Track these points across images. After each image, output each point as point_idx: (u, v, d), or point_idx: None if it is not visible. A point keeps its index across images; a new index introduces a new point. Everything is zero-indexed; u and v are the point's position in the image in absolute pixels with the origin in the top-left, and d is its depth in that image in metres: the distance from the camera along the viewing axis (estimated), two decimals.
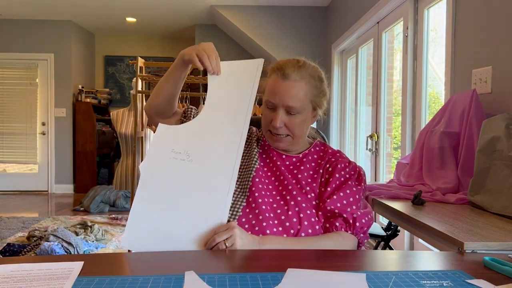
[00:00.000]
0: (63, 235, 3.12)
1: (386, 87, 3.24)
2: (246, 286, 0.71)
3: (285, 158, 1.20)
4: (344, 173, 1.14)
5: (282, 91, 1.11)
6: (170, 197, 1.02)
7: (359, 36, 3.81)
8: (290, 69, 1.13)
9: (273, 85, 1.14)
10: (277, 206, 1.08)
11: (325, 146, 1.25)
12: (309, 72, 1.14)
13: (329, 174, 1.14)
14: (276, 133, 1.15)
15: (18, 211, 4.88)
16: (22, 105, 6.13)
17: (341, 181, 1.13)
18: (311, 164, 1.18)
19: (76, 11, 5.53)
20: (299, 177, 1.14)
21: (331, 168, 1.15)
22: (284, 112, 1.13)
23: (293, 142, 1.18)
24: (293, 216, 1.06)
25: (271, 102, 1.13)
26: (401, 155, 2.87)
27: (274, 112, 1.14)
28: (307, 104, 1.14)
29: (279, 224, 1.05)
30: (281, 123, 1.13)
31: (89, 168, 6.18)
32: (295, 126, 1.14)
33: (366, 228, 1.09)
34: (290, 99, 1.11)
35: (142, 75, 3.23)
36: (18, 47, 6.02)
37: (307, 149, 1.22)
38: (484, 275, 0.78)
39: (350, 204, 1.10)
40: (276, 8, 4.88)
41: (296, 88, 1.12)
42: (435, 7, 2.53)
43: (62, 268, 0.77)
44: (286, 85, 1.12)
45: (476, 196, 1.40)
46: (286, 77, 1.12)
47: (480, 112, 1.60)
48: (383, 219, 3.09)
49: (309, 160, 1.19)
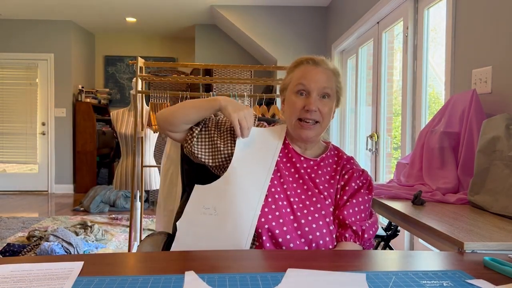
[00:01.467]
0: (63, 235, 3.12)
1: (386, 87, 3.24)
2: (246, 286, 0.71)
3: (304, 160, 1.20)
4: (359, 182, 1.17)
5: (316, 76, 1.15)
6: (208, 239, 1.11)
7: (359, 36, 3.81)
8: (319, 59, 1.18)
9: (304, 72, 1.17)
10: (297, 209, 1.09)
11: (338, 150, 1.26)
12: (332, 66, 1.20)
13: (345, 182, 1.16)
14: (309, 118, 1.15)
15: (18, 211, 4.88)
16: (22, 105, 6.13)
17: (355, 189, 1.16)
18: (327, 169, 1.19)
19: (76, 11, 5.52)
20: (317, 181, 1.15)
21: (347, 176, 1.18)
22: (318, 97, 1.15)
23: (319, 133, 1.19)
24: (313, 222, 1.07)
25: (304, 87, 1.15)
26: (401, 155, 2.87)
27: (307, 98, 1.15)
28: (334, 92, 1.18)
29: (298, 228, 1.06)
30: (316, 107, 1.14)
31: (89, 168, 6.18)
32: (325, 112, 1.16)
33: (373, 237, 1.12)
34: (324, 82, 1.15)
35: (142, 75, 3.23)
36: (18, 47, 6.02)
37: (323, 153, 1.22)
38: (484, 275, 0.78)
39: (360, 212, 1.13)
40: (276, 8, 4.88)
41: (327, 74, 1.17)
42: (435, 7, 2.53)
43: (62, 268, 0.77)
44: (319, 70, 1.16)
45: (476, 196, 1.40)
46: (318, 64, 1.17)
47: (480, 112, 1.60)
48: (383, 219, 3.09)
49: (326, 165, 1.20)
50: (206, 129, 1.21)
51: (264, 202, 1.09)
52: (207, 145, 1.20)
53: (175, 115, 1.17)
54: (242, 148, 1.17)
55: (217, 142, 1.19)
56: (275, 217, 1.06)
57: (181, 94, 3.08)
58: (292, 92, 1.18)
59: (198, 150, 1.19)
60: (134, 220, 3.24)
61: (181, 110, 1.17)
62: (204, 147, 1.19)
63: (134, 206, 3.19)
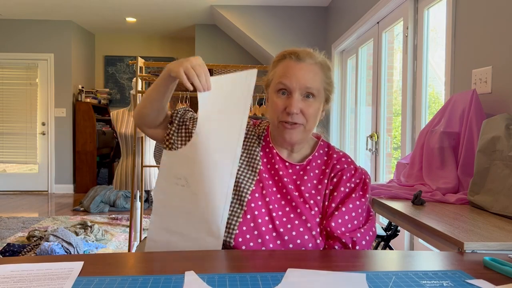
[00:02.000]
0: (63, 235, 3.12)
1: (386, 87, 3.24)
2: (246, 286, 0.71)
3: (288, 166, 1.10)
4: (350, 184, 1.06)
5: (299, 73, 1.04)
6: (176, 223, 1.05)
7: (359, 36, 3.81)
8: (303, 53, 1.07)
9: (286, 68, 1.06)
10: (279, 224, 1.01)
11: (329, 148, 1.15)
12: (320, 59, 1.09)
13: (334, 186, 1.06)
14: (292, 121, 1.04)
15: (18, 211, 4.88)
16: (22, 105, 6.13)
17: (345, 193, 1.05)
18: (315, 172, 1.09)
19: (76, 11, 5.52)
20: (302, 189, 1.05)
21: (336, 179, 1.07)
22: (300, 97, 1.04)
23: (304, 136, 1.08)
24: (297, 237, 0.99)
25: (285, 86, 1.04)
26: (401, 155, 2.87)
27: (288, 98, 1.04)
28: (321, 90, 1.07)
29: (281, 245, 0.99)
30: (298, 109, 1.03)
31: (89, 168, 6.18)
32: (310, 114, 1.05)
33: (369, 244, 1.03)
34: (308, 80, 1.04)
35: (142, 75, 3.23)
36: (18, 47, 6.02)
37: (311, 154, 1.12)
38: (484, 275, 0.78)
39: (352, 219, 1.02)
40: (276, 8, 4.88)
41: (312, 71, 1.05)
42: (435, 7, 2.53)
43: (62, 268, 0.77)
44: (302, 66, 1.05)
45: (476, 196, 1.40)
46: (301, 59, 1.06)
47: (480, 112, 1.60)
48: (383, 219, 3.09)
49: (313, 168, 1.10)
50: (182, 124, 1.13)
51: (243, 219, 1.00)
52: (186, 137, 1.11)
53: (143, 105, 1.11)
54: (206, 104, 1.02)
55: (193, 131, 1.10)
56: (253, 236, 0.99)
57: (181, 94, 3.08)
58: (273, 91, 1.08)
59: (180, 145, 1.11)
60: (134, 220, 3.24)
61: (145, 98, 1.11)
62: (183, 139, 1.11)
63: (134, 206, 3.19)
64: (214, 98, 1.03)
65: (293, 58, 1.06)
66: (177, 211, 1.05)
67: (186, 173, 1.03)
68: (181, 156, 1.06)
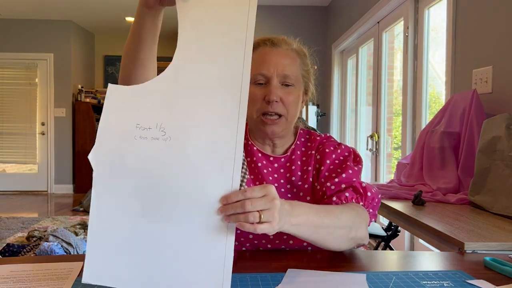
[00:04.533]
0: (63, 235, 3.12)
1: (386, 87, 3.24)
2: (246, 286, 0.71)
3: (273, 160, 1.05)
4: (337, 156, 1.02)
5: (276, 59, 0.98)
6: (142, 202, 0.67)
7: (359, 36, 3.81)
8: (277, 39, 1.01)
9: (263, 55, 0.99)
10: None
11: (310, 133, 1.10)
12: (295, 46, 1.04)
13: (320, 163, 1.01)
14: (272, 111, 0.97)
15: (18, 211, 4.88)
16: (22, 105, 6.13)
17: (336, 164, 1.00)
18: (301, 159, 1.05)
19: (76, 11, 5.52)
20: (293, 179, 1.02)
21: (319, 156, 1.03)
22: (279, 84, 0.98)
23: (286, 127, 1.02)
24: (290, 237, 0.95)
25: (262, 74, 0.98)
26: (401, 155, 2.87)
27: (266, 86, 0.98)
28: (300, 78, 1.02)
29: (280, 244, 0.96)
30: (278, 96, 0.96)
31: (89, 168, 6.04)
32: (290, 102, 0.98)
33: (376, 204, 0.97)
34: (286, 66, 0.98)
35: None
36: (18, 47, 6.01)
37: (293, 143, 1.07)
38: (484, 275, 0.77)
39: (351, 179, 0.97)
40: (276, 8, 4.88)
41: (289, 57, 1.00)
42: (435, 7, 2.53)
43: (61, 268, 0.77)
44: (278, 52, 0.99)
45: (477, 196, 1.39)
46: (277, 45, 1.00)
47: (481, 112, 1.60)
48: (383, 219, 3.09)
49: (298, 156, 1.05)
50: None
51: None
52: None
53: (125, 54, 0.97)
54: (191, 21, 0.77)
55: None
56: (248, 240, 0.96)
57: None
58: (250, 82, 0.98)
59: None
60: None
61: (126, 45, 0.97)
62: None
63: None
64: (201, 13, 0.77)
65: (268, 45, 1.01)
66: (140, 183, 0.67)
67: (161, 119, 0.68)
68: (149, 93, 0.71)
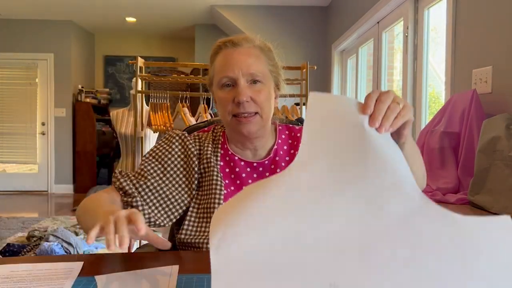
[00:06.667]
0: (63, 235, 3.12)
1: (386, 87, 3.24)
2: None
3: (257, 165, 1.01)
4: None
5: (239, 59, 0.96)
6: None
7: (359, 36, 3.81)
8: (238, 38, 1.00)
9: (225, 58, 0.98)
10: None
11: (290, 129, 1.07)
12: (258, 43, 1.01)
13: None
14: (244, 111, 0.94)
15: (18, 211, 4.88)
16: (22, 105, 6.13)
17: None
18: (285, 159, 1.01)
19: (76, 11, 5.52)
20: None
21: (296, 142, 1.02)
22: (246, 84, 0.95)
23: (263, 126, 0.98)
24: None
25: (228, 76, 0.96)
26: None
27: (234, 88, 0.95)
28: (268, 74, 0.99)
29: None
30: (247, 96, 0.94)
31: (89, 168, 6.18)
32: (262, 100, 0.95)
33: None
34: (251, 65, 0.95)
35: (142, 75, 3.23)
36: (18, 47, 6.01)
37: (275, 143, 1.04)
38: None
39: None
40: (276, 8, 4.88)
41: (253, 55, 0.97)
42: (435, 7, 2.53)
43: (62, 268, 0.77)
44: (241, 51, 0.97)
45: (477, 196, 1.40)
46: (238, 45, 0.98)
47: (480, 112, 1.60)
48: None
49: (281, 157, 1.02)
50: (150, 184, 0.99)
51: None
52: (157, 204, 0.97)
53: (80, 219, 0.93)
54: None
55: (168, 194, 0.97)
56: None
57: (181, 94, 3.08)
58: (217, 87, 0.98)
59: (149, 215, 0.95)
60: None
61: (81, 213, 0.92)
62: (154, 208, 0.96)
63: None
64: None
65: (229, 46, 0.99)
66: None
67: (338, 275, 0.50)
68: None
